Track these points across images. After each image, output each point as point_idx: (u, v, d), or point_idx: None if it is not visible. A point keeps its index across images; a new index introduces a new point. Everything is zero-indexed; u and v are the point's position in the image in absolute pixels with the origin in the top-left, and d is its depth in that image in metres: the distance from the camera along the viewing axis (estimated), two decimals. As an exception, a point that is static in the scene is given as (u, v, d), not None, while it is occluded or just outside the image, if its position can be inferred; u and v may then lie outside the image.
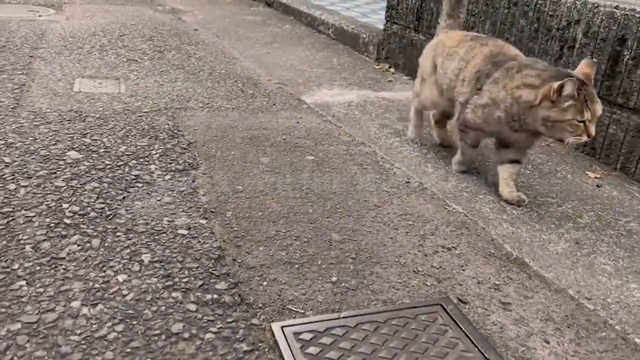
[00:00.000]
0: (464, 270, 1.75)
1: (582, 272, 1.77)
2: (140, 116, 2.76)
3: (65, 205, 1.89)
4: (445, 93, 2.37)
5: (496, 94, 2.08)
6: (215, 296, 1.52)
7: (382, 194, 2.21)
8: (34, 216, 1.81)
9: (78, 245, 1.68)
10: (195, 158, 2.35)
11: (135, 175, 2.15)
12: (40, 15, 4.87)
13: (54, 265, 1.58)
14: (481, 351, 1.35)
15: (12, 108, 2.69)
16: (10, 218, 1.78)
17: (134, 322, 1.40)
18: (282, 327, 1.39)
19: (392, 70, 4.11)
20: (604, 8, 2.53)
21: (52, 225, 1.77)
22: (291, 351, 1.31)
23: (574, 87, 1.85)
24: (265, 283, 1.60)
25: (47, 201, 1.90)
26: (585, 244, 1.94)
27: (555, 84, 1.89)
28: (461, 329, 1.43)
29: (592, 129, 1.90)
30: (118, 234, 1.76)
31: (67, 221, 1.80)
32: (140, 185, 2.08)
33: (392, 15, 4.14)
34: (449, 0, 2.57)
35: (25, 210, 1.84)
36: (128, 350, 1.32)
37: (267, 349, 1.36)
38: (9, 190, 1.95)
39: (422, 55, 2.59)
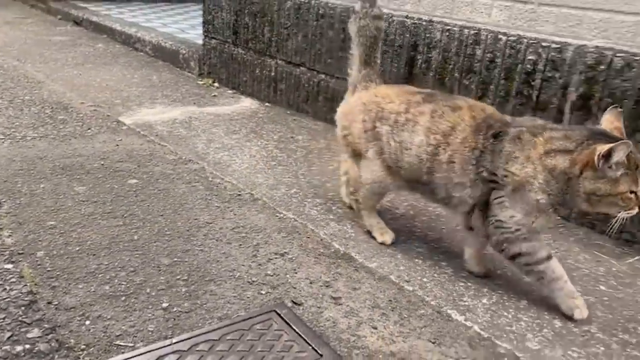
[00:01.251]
0: (296, 273, 1.80)
1: (402, 258, 1.94)
2: None
3: None
4: (411, 173, 1.81)
5: (523, 173, 1.58)
6: (27, 346, 1.36)
7: (214, 209, 2.18)
8: None
9: None
10: (-4, 196, 2.09)
11: None
12: None
13: None
14: (315, 349, 1.40)
15: None
16: None
17: None
18: (109, 366, 1.29)
19: (216, 84, 4.09)
20: (397, 18, 2.80)
21: None
22: (121, 389, 1.23)
23: (627, 151, 1.44)
24: (87, 322, 1.47)
25: None
26: (402, 232, 2.12)
27: (603, 148, 1.45)
28: (295, 331, 1.46)
29: None
30: None
31: None
32: None
33: (209, 30, 4.13)
34: (362, 44, 2.00)
35: None
36: None
37: (93, 393, 1.25)
38: None
39: (341, 118, 2.01)
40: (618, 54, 2.01)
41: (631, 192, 1.48)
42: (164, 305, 1.58)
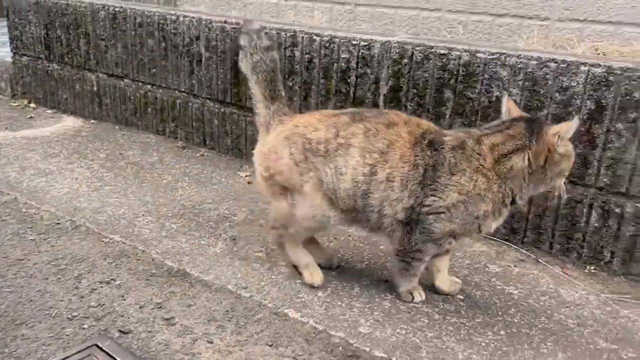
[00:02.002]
0: (125, 299, 1.68)
1: (239, 265, 1.91)
2: None
3: None
4: (347, 200, 1.65)
5: (470, 184, 1.58)
6: None
7: (27, 244, 1.96)
8: None
9: None
10: None
11: None
12: None
13: None
14: (142, 377, 1.31)
15: None
16: None
17: None
18: None
19: (32, 105, 3.71)
20: (216, 23, 2.77)
21: None
22: None
23: (578, 125, 1.60)
24: None
25: None
26: (241, 239, 2.09)
27: (560, 128, 1.57)
28: (121, 362, 1.36)
29: None
30: None
31: None
32: None
33: (18, 46, 3.73)
34: (262, 80, 1.78)
35: None
36: None
37: None
38: None
39: (262, 160, 1.77)
40: (417, 48, 2.19)
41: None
42: (-38, 362, 1.37)
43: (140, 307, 1.65)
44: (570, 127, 1.56)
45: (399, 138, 1.62)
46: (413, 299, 1.75)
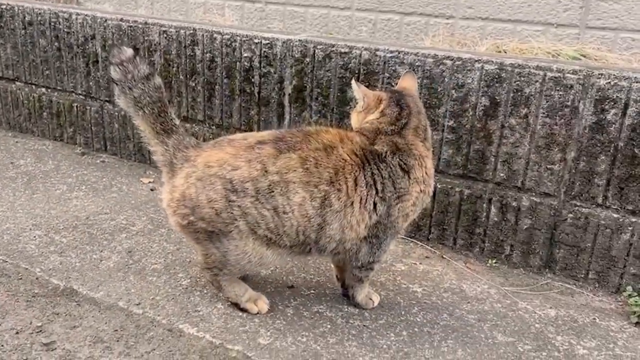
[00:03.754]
0: (0, 324, 1.52)
1: (134, 280, 1.78)
2: None
3: None
4: (294, 236, 1.52)
5: (421, 174, 1.57)
6: None
7: None
8: None
9: None
10: None
11: None
12: None
13: None
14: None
15: None
16: None
17: None
18: None
19: None
20: (112, 22, 2.61)
21: None
22: None
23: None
24: None
25: None
26: (137, 250, 1.97)
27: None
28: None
29: None
30: None
31: None
32: None
33: None
34: (150, 114, 1.56)
35: None
36: None
37: None
38: None
39: (176, 207, 1.53)
40: (318, 46, 2.14)
41: None
42: None
43: (17, 333, 1.49)
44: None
45: (345, 163, 1.50)
46: (373, 303, 1.71)
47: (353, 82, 1.63)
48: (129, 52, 1.56)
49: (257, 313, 1.64)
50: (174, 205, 1.53)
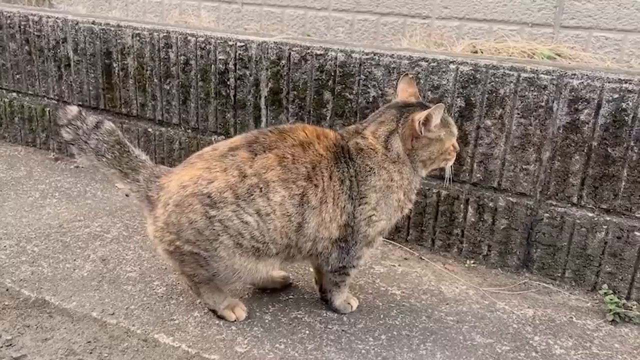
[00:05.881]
0: (-33, 340, 1.47)
1: (108, 289, 1.75)
2: None
3: None
4: (280, 240, 1.50)
5: (380, 181, 1.56)
6: None
7: None
8: None
9: None
10: None
11: None
12: None
13: None
14: None
15: None
16: None
17: None
18: None
19: None
20: (84, 24, 2.55)
21: None
22: None
23: (442, 112, 1.53)
24: None
25: None
26: (111, 258, 1.93)
27: (421, 115, 1.51)
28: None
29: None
30: None
31: None
32: None
33: None
34: (113, 159, 1.58)
35: None
36: None
37: None
38: None
39: (161, 236, 1.51)
40: (294, 48, 2.13)
41: (452, 145, 1.62)
42: None
43: (-15, 348, 1.45)
44: (429, 113, 1.50)
45: (321, 158, 1.52)
46: (352, 307, 1.70)
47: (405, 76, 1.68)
48: (74, 110, 1.61)
49: (235, 320, 1.62)
50: (159, 234, 1.52)
